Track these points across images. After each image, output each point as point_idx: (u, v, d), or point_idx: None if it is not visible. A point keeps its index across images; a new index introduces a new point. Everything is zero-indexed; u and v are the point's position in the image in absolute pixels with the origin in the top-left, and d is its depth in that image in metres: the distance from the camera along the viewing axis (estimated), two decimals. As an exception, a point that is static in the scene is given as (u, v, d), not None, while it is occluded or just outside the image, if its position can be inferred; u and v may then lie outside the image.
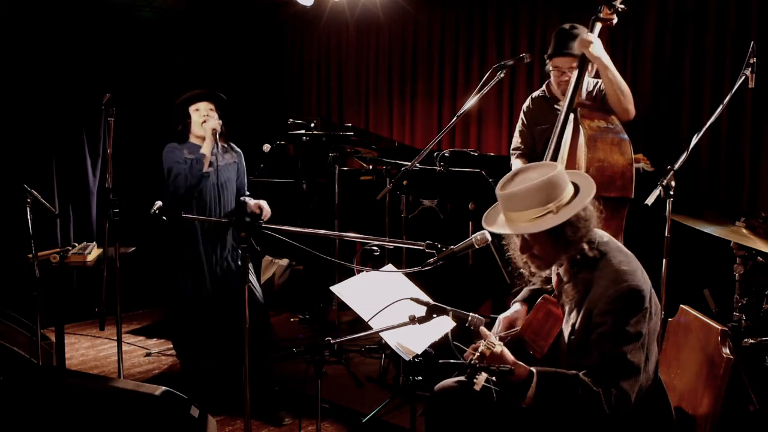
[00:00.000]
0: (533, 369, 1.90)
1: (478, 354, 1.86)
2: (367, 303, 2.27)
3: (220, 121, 3.44)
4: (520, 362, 1.91)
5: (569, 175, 2.01)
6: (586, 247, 1.95)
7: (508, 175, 2.01)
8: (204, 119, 3.45)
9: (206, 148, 3.41)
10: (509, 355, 1.90)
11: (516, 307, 2.35)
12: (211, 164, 3.43)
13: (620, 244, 2.05)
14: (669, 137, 4.18)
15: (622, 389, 1.85)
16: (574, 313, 2.00)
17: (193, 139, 3.52)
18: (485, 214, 2.09)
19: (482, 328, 2.00)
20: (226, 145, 3.58)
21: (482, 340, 1.93)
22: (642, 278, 1.93)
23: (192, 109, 3.49)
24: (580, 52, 2.98)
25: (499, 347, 1.89)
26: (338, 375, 3.99)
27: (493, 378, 1.81)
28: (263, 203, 3.55)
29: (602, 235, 2.03)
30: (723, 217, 3.27)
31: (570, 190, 1.96)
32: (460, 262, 3.76)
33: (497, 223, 2.02)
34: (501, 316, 2.32)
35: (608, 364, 1.86)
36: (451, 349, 2.15)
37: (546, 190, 1.90)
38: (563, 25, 3.24)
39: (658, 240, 2.84)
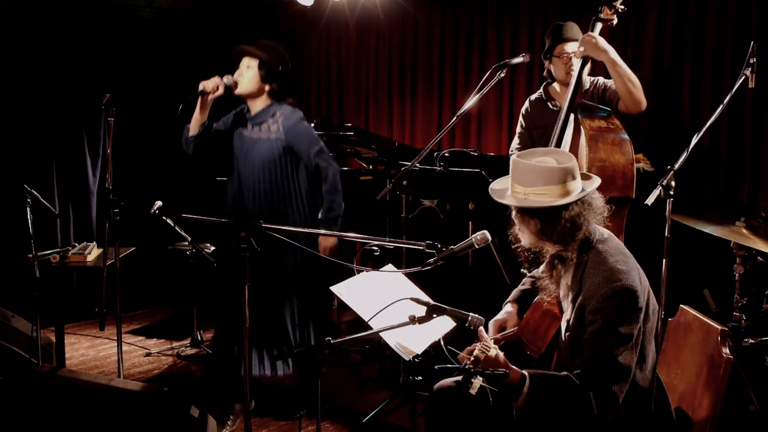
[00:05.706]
0: (525, 372, 1.90)
1: (472, 358, 1.85)
2: (367, 303, 2.27)
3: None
4: (513, 366, 1.90)
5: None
6: (582, 240, 1.96)
7: (527, 150, 2.05)
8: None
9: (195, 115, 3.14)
10: (503, 358, 1.90)
11: (507, 309, 2.35)
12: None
13: (620, 243, 2.05)
14: (669, 137, 4.17)
15: (610, 391, 1.86)
16: (569, 309, 2.00)
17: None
18: (491, 185, 2.12)
19: (480, 329, 2.00)
20: (265, 111, 3.22)
21: (477, 343, 1.93)
22: (637, 278, 1.93)
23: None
24: (582, 52, 2.96)
25: (494, 350, 1.88)
26: (338, 375, 3.99)
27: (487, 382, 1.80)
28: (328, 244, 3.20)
29: (603, 232, 2.04)
30: (723, 217, 3.27)
31: (580, 181, 2.01)
32: (460, 262, 3.77)
33: (507, 196, 2.03)
34: (492, 321, 2.32)
35: (598, 365, 1.87)
36: (447, 351, 2.15)
37: (563, 173, 1.94)
38: (555, 23, 3.29)
39: (658, 240, 2.84)
